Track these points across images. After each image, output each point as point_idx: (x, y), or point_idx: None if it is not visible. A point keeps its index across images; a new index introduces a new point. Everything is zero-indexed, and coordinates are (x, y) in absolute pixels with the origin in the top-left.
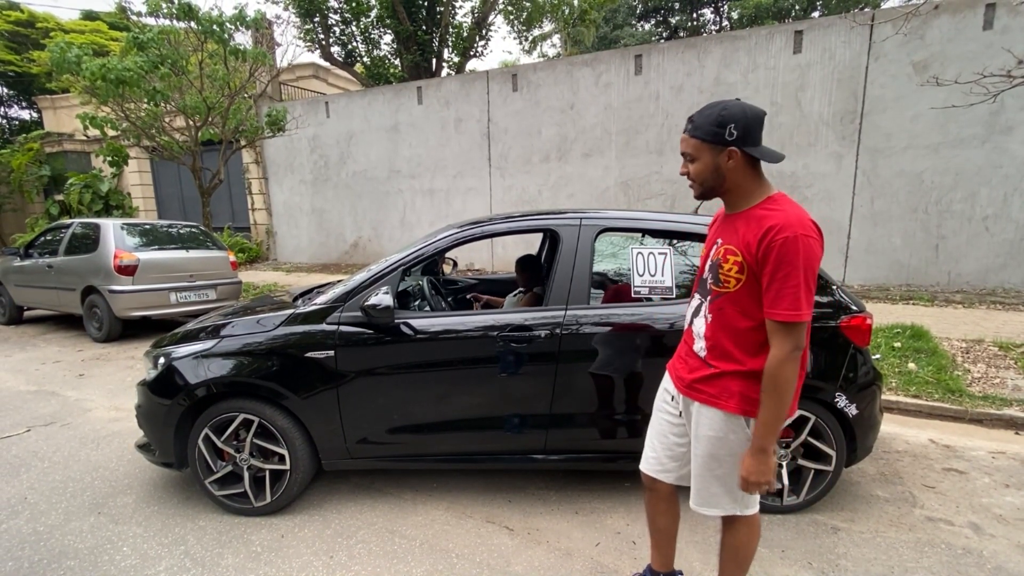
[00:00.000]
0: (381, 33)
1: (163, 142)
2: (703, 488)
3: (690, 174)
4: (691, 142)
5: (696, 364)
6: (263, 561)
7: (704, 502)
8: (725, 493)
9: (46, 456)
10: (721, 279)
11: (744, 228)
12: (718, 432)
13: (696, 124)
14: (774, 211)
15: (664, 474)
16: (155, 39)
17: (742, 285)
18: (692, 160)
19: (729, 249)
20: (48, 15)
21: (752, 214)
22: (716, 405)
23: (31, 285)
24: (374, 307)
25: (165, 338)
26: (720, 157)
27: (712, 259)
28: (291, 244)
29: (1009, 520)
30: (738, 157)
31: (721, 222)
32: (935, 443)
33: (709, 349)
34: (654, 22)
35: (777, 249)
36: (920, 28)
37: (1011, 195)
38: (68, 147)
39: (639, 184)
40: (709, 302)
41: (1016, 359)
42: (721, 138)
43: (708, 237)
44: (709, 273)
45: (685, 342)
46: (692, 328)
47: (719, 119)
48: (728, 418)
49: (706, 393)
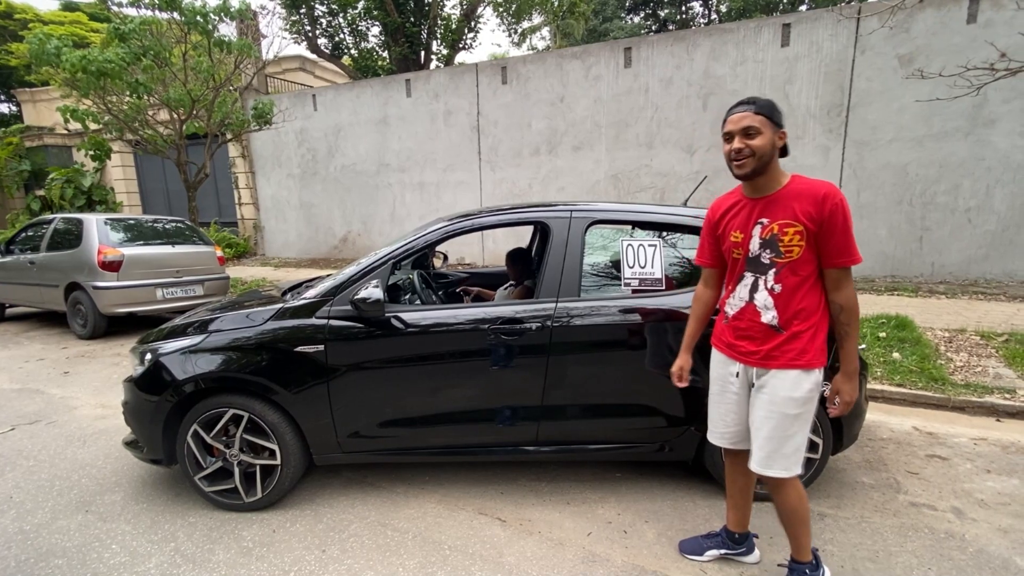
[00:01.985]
0: (369, 25)
1: (147, 135)
2: (775, 450)
3: (748, 148)
4: (758, 118)
5: (765, 334)
6: (255, 556)
7: (771, 464)
8: (793, 453)
9: (31, 455)
10: (783, 250)
11: (795, 202)
12: (794, 391)
13: (760, 104)
14: (812, 183)
15: (740, 443)
16: (137, 30)
17: (803, 251)
18: (755, 135)
19: (784, 222)
20: (27, 6)
21: (792, 190)
22: (795, 366)
23: (13, 282)
24: (364, 301)
25: (152, 334)
26: (775, 137)
27: (763, 237)
28: (279, 239)
29: (990, 504)
30: (783, 141)
31: (750, 206)
32: (919, 430)
33: (782, 314)
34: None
35: (840, 210)
36: (906, 22)
37: (993, 187)
38: (49, 141)
39: (629, 177)
40: (775, 274)
41: (997, 348)
42: (780, 122)
43: (734, 224)
44: (764, 249)
45: (748, 320)
46: (754, 303)
47: (775, 107)
48: (804, 374)
49: (783, 358)
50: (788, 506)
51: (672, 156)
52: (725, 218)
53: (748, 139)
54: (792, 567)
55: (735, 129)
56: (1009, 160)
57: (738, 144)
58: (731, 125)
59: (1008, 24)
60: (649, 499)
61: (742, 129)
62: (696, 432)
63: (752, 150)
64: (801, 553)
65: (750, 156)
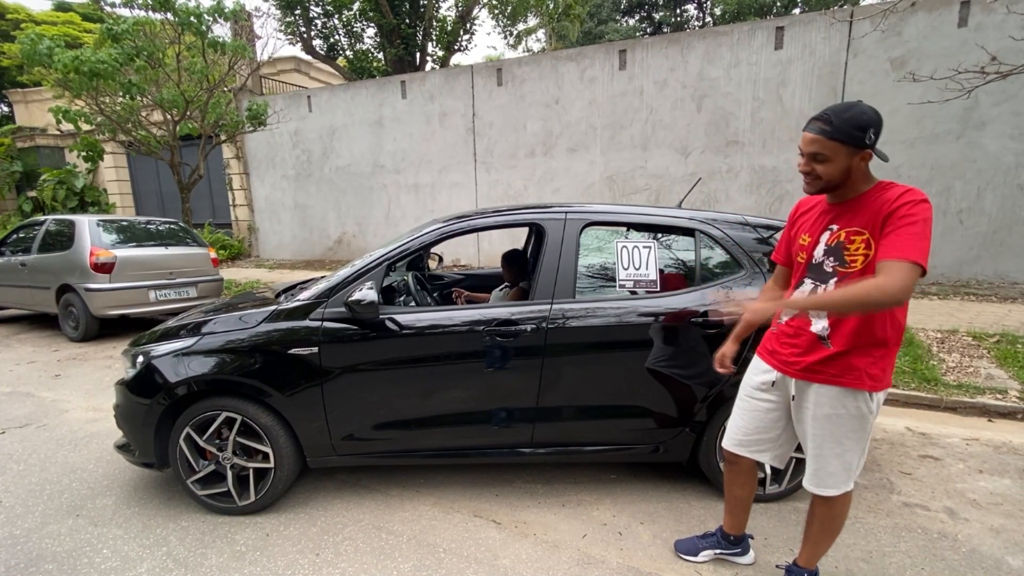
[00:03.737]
0: (364, 26)
1: (140, 136)
2: (821, 468)
3: (815, 172)
4: (829, 144)
5: (811, 343)
6: (248, 560)
7: (822, 482)
8: (843, 470)
9: (21, 458)
10: (848, 260)
11: (868, 208)
12: (838, 409)
13: (836, 127)
14: (895, 187)
15: (757, 454)
16: (130, 30)
17: (869, 262)
18: (824, 160)
19: (853, 231)
20: (19, 6)
21: (872, 195)
22: (839, 383)
23: (3, 284)
24: (359, 302)
25: (144, 336)
26: (854, 159)
27: (829, 244)
28: (273, 240)
29: (983, 504)
30: (869, 158)
31: (826, 210)
32: (911, 431)
33: (834, 327)
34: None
35: (905, 207)
36: (897, 25)
37: (984, 189)
38: (41, 142)
39: (624, 179)
40: (835, 283)
41: (989, 349)
42: (861, 141)
43: (806, 226)
44: (828, 257)
45: (793, 325)
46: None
47: (860, 123)
48: (849, 394)
49: (826, 373)
50: (829, 515)
51: (667, 158)
52: (801, 219)
53: (816, 163)
54: (791, 570)
55: (804, 150)
56: (1000, 162)
57: (804, 167)
58: (802, 144)
59: (998, 28)
60: (644, 500)
61: (810, 153)
62: (691, 433)
63: (818, 174)
64: (810, 561)
65: (817, 179)
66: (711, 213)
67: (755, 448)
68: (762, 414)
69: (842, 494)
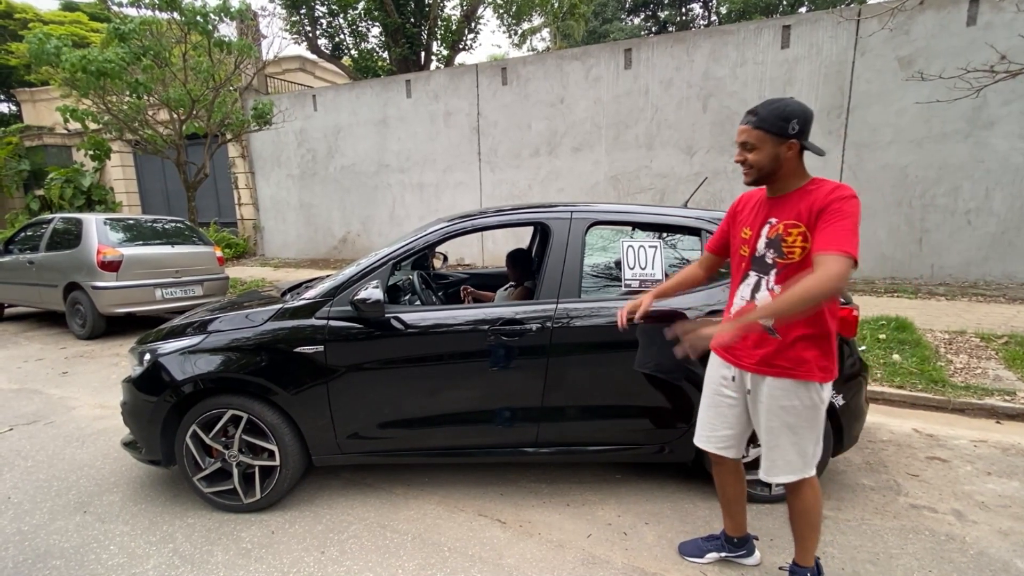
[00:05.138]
0: (369, 26)
1: (147, 135)
2: (778, 458)
3: (748, 161)
4: (755, 133)
5: (760, 339)
6: (254, 558)
7: (780, 471)
8: (799, 457)
9: (29, 455)
10: (785, 252)
11: (801, 202)
12: (792, 401)
13: (761, 116)
14: (826, 183)
15: (729, 450)
16: (137, 30)
17: (807, 254)
18: (752, 149)
19: (790, 223)
20: (27, 6)
21: (805, 190)
22: (790, 375)
23: (11, 282)
24: (364, 301)
25: (151, 334)
26: (781, 148)
27: (769, 236)
28: (279, 239)
29: (991, 507)
30: (796, 148)
31: (765, 204)
32: (919, 432)
33: (778, 319)
34: (643, 16)
35: (836, 203)
36: (905, 23)
37: (992, 189)
38: (48, 141)
39: (629, 178)
40: (775, 275)
41: (997, 350)
42: (785, 131)
43: (747, 220)
44: (769, 249)
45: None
46: (755, 303)
47: (784, 114)
48: (802, 386)
49: (779, 367)
50: (802, 506)
51: (672, 157)
52: (742, 213)
53: (746, 152)
54: (793, 570)
55: (737, 140)
56: (1008, 162)
57: (738, 157)
58: (736, 135)
59: (1008, 26)
60: (649, 501)
61: (741, 143)
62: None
63: (750, 163)
64: (805, 557)
65: (750, 168)
66: (717, 213)
67: (723, 444)
68: (726, 409)
69: (807, 485)
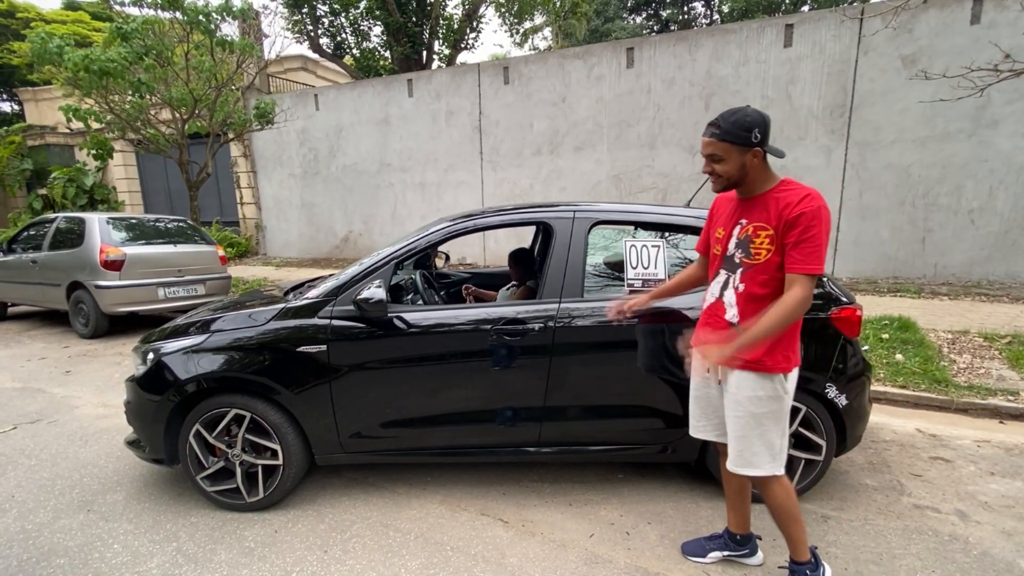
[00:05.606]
0: (371, 25)
1: (149, 135)
2: (745, 449)
3: (716, 172)
4: (720, 145)
5: (728, 333)
6: (257, 556)
7: (746, 463)
8: (766, 451)
9: (33, 453)
10: (752, 252)
11: (773, 206)
12: (756, 392)
13: (725, 129)
14: (795, 188)
15: (723, 437)
16: (139, 29)
17: (771, 255)
18: (719, 160)
19: (759, 226)
20: (29, 5)
21: (774, 194)
22: (755, 369)
23: (15, 281)
24: (367, 301)
25: (154, 333)
26: (746, 156)
27: (739, 237)
28: (281, 238)
29: (994, 507)
30: (760, 155)
31: (737, 206)
32: (922, 432)
33: (742, 314)
34: (645, 15)
35: (808, 214)
36: (909, 22)
37: (996, 188)
38: (51, 140)
39: (631, 178)
40: (741, 273)
41: (1000, 350)
42: (748, 140)
43: (720, 220)
44: (737, 249)
45: (713, 315)
46: (723, 300)
47: (745, 124)
48: (762, 378)
49: (744, 360)
50: (774, 503)
51: (674, 157)
52: (718, 214)
53: (714, 163)
54: (792, 568)
55: (703, 153)
56: (1012, 161)
57: (706, 168)
58: (701, 148)
59: (1012, 25)
60: (652, 501)
61: (707, 155)
62: None
63: (719, 173)
64: (799, 552)
65: (719, 177)
66: None
67: (714, 433)
68: (710, 399)
69: (775, 482)
